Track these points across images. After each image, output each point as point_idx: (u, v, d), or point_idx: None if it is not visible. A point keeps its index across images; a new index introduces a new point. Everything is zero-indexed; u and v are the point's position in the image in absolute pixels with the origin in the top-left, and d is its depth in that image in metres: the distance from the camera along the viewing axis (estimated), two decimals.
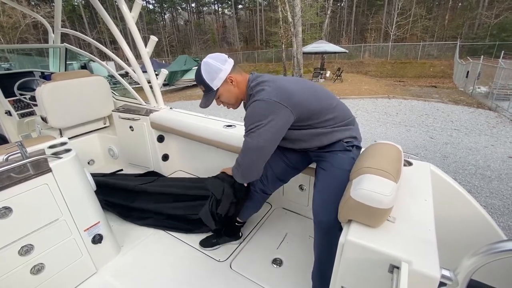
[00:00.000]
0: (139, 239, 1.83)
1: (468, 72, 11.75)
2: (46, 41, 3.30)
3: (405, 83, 14.61)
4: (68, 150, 1.44)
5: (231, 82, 1.19)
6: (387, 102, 10.10)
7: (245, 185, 1.55)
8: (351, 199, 0.89)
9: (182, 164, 2.71)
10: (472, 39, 21.35)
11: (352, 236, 0.85)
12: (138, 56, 2.43)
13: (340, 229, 1.10)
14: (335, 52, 15.84)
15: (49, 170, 1.27)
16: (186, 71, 15.16)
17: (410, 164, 1.30)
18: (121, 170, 2.72)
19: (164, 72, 2.49)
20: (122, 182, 2.16)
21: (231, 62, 1.20)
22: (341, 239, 0.89)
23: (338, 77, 13.87)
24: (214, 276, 1.54)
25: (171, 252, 1.73)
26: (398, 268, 0.76)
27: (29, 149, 1.42)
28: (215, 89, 1.19)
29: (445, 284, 0.72)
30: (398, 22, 23.73)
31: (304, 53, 13.77)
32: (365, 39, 26.91)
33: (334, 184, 1.16)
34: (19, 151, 1.31)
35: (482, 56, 11.36)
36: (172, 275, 1.56)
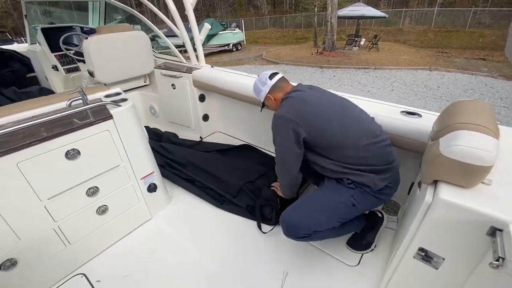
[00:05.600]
0: (187, 192, 1.89)
1: None
2: None
3: (449, 54, 13.24)
4: (124, 100, 1.45)
5: (270, 99, 1.37)
6: (428, 74, 9.29)
7: None
8: (442, 157, 0.80)
9: (222, 125, 2.70)
10: None
11: (445, 195, 0.78)
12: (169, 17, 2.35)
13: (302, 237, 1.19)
14: (373, 17, 14.53)
15: (110, 116, 1.29)
16: (212, 36, 14.66)
17: None
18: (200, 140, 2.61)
19: (207, 26, 2.38)
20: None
21: (270, 83, 1.35)
22: (427, 198, 0.82)
23: (374, 45, 12.84)
24: (261, 234, 1.57)
25: (217, 207, 1.78)
26: (500, 230, 0.69)
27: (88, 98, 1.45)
28: (261, 101, 1.44)
29: None
30: None
31: (338, 17, 12.74)
32: (407, 3, 24.24)
33: (319, 202, 1.22)
34: (80, 97, 1.33)
35: None
36: (221, 228, 1.62)
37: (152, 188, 1.60)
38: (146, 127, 2.54)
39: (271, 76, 1.35)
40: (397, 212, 1.66)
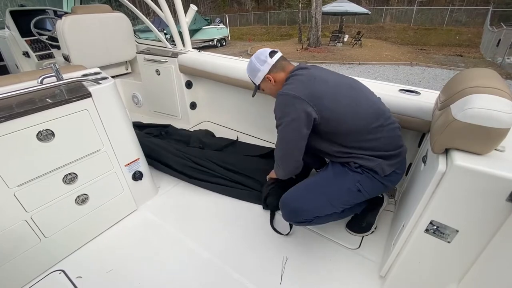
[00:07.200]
0: (175, 182, 1.78)
1: (499, 40, 10.84)
2: None
3: (428, 51, 13.70)
4: (105, 78, 1.32)
5: (269, 81, 1.24)
6: (410, 69, 9.56)
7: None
8: (455, 122, 0.75)
9: (210, 114, 2.59)
10: (507, 4, 19.50)
11: (461, 161, 0.73)
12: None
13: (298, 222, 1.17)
14: (356, 13, 14.74)
15: (89, 94, 1.16)
16: (196, 30, 14.32)
17: None
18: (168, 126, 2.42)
19: (194, 8, 2.25)
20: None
21: (271, 62, 1.21)
22: (441, 167, 0.77)
23: (357, 42, 13.06)
24: (257, 221, 1.49)
25: (210, 196, 1.68)
26: None
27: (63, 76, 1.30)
28: (257, 84, 1.30)
29: None
30: None
31: (322, 13, 12.81)
32: (388, 1, 24.84)
33: (322, 187, 1.16)
34: (53, 74, 1.19)
35: None
36: (214, 217, 1.53)
37: (137, 176, 1.48)
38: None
39: (271, 54, 1.22)
40: (393, 195, 1.63)
